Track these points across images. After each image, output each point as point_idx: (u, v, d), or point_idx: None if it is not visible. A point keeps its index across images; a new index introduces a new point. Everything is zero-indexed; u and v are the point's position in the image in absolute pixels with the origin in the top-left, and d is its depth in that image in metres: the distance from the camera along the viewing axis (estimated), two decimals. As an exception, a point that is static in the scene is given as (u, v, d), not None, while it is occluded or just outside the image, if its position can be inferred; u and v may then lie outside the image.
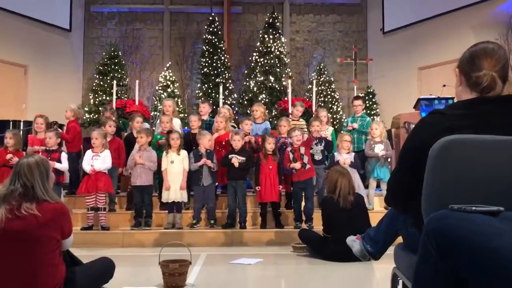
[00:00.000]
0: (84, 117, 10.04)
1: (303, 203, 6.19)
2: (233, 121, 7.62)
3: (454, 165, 1.69)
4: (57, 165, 5.88)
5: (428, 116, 1.92)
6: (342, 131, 7.27)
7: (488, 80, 1.81)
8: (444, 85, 7.53)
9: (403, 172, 2.03)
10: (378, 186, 6.79)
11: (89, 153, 6.09)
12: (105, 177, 6.01)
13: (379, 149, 6.57)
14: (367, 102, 11.18)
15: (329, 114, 7.91)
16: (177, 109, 10.00)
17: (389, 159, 6.72)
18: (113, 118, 7.32)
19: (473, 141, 1.70)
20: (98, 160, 5.98)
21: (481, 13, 9.65)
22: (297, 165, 6.05)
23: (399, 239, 2.44)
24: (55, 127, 7.15)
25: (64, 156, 6.15)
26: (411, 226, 2.10)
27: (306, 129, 7.10)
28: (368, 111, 10.90)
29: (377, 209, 6.60)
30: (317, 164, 6.46)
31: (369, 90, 11.50)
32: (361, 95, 8.45)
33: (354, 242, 2.90)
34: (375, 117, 10.83)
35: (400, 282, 2.33)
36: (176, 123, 7.17)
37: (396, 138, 7.90)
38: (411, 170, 1.91)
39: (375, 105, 11.30)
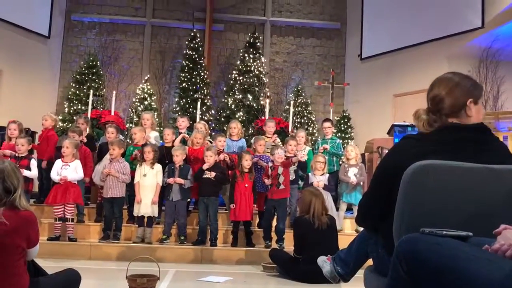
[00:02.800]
0: (57, 126, 9.84)
1: (274, 222, 6.17)
2: (209, 137, 7.58)
3: (426, 189, 1.72)
4: (26, 173, 5.74)
5: (402, 141, 1.97)
6: (314, 153, 7.32)
7: None
8: (417, 113, 7.69)
9: (375, 194, 2.06)
10: (350, 209, 6.84)
11: (58, 162, 5.95)
12: (75, 188, 5.88)
13: (352, 173, 6.62)
14: (342, 125, 11.38)
15: (308, 136, 7.96)
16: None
17: (361, 183, 6.78)
18: (87, 128, 7.18)
19: (445, 167, 1.74)
20: (67, 170, 5.85)
21: (455, 45, 9.98)
22: (268, 181, 6.05)
23: (370, 262, 2.46)
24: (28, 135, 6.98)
25: (33, 163, 6.01)
26: (382, 249, 2.13)
27: (280, 143, 7.11)
28: (343, 135, 11.07)
29: (347, 231, 6.64)
30: (290, 184, 6.47)
31: (344, 114, 11.68)
32: (330, 118, 8.57)
33: (325, 262, 2.89)
34: (349, 140, 10.98)
35: (369, 304, 2.34)
36: (153, 136, 7.07)
37: (369, 162, 7.99)
38: (384, 192, 1.94)
39: (350, 129, 11.47)
